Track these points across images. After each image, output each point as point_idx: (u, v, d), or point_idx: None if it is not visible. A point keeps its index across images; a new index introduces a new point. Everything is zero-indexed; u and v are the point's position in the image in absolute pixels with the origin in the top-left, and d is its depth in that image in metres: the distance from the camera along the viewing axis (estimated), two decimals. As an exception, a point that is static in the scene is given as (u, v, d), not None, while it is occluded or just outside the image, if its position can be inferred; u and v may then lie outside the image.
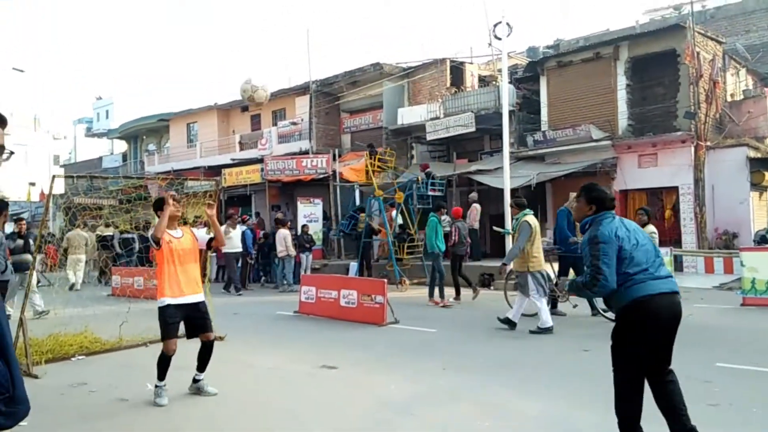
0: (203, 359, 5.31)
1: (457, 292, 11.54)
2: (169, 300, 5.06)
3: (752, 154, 15.59)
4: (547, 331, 7.90)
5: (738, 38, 21.96)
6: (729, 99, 17.97)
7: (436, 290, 11.19)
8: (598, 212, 3.63)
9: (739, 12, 24.00)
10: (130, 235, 15.91)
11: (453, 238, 11.74)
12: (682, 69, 15.31)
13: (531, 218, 8.45)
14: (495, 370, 6.11)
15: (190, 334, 5.30)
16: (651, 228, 8.88)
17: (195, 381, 5.37)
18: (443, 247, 11.36)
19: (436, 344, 7.56)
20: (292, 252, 14.77)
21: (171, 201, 5.18)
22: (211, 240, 5.52)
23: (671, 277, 3.53)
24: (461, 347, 7.33)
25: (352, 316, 9.34)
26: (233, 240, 13.99)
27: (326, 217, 20.51)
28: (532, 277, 8.18)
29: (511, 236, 12.41)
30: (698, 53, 15.35)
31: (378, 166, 16.54)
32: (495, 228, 14.30)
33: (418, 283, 14.40)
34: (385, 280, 9.62)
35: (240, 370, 6.41)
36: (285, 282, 14.64)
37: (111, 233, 16.53)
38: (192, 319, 5.20)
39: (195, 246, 5.36)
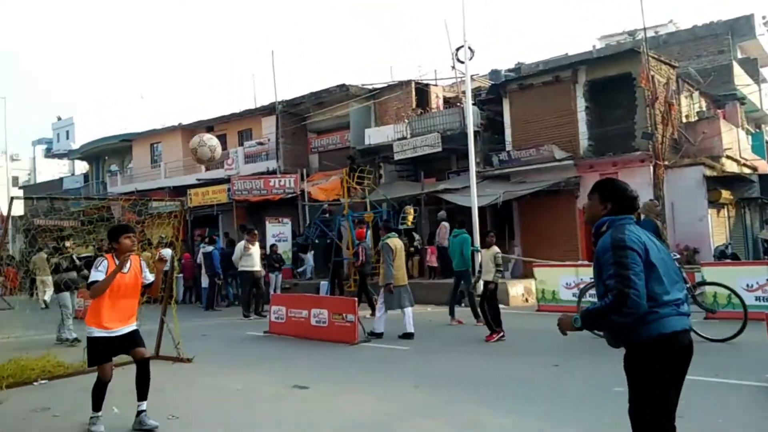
0: (141, 383, 5.00)
1: (372, 309, 11.38)
2: (97, 332, 4.85)
3: (708, 172, 16.21)
4: (378, 336, 9.20)
5: (690, 62, 22.95)
6: (684, 120, 18.68)
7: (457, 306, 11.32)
8: (616, 213, 2.95)
9: (690, 38, 25.14)
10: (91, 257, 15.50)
11: (360, 258, 12.18)
12: (639, 91, 15.88)
13: (392, 240, 9.67)
14: (467, 386, 6.15)
15: (122, 352, 5.04)
16: (495, 249, 9.24)
17: (138, 414, 5.01)
18: (470, 264, 11.04)
19: (408, 362, 7.58)
20: (262, 271, 14.49)
21: (129, 240, 4.99)
22: (149, 285, 5.26)
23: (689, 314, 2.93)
24: (434, 364, 7.37)
25: (324, 335, 9.28)
26: (253, 257, 12.89)
27: (295, 236, 20.38)
28: (396, 291, 9.34)
29: (480, 253, 12.56)
30: (653, 76, 15.96)
31: (356, 182, 16.52)
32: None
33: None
34: (356, 299, 9.61)
35: (209, 392, 6.30)
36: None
37: (88, 254, 16.05)
38: (122, 343, 4.96)
39: (138, 281, 5.12)
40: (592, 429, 4.57)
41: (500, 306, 13.15)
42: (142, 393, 4.99)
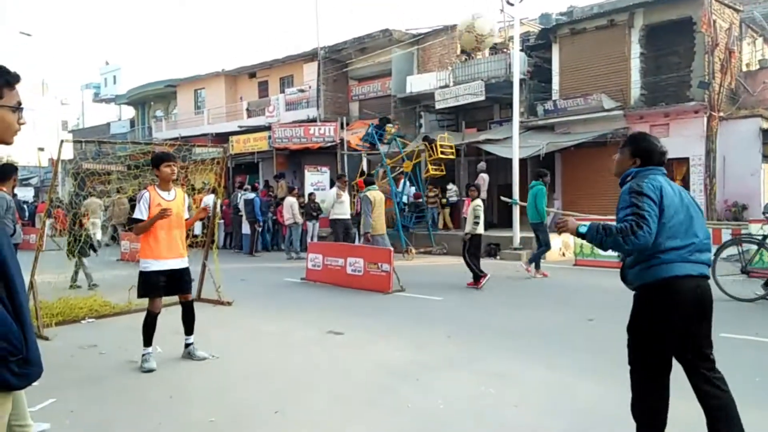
0: (187, 321, 5.32)
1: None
2: (152, 264, 5.00)
3: (766, 125, 15.33)
4: None
5: (756, 6, 21.36)
6: (744, 69, 17.61)
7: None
8: (643, 166, 3.07)
9: (758, -22, 23.35)
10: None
11: (356, 208, 12.38)
12: (698, 37, 14.99)
13: (372, 193, 10.22)
14: (500, 338, 6.15)
15: (168, 293, 5.24)
16: (476, 202, 9.53)
17: (186, 346, 5.39)
18: (545, 217, 10.91)
19: (441, 312, 7.61)
20: (299, 219, 14.85)
21: (169, 169, 5.06)
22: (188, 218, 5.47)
23: (707, 263, 3.00)
24: (466, 316, 7.38)
25: (359, 283, 9.40)
26: (344, 204, 12.16)
27: (333, 185, 20.47)
28: (373, 239, 10.07)
29: (518, 206, 12.38)
30: (715, 21, 15.00)
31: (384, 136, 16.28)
32: (503, 198, 14.24)
33: (424, 252, 14.44)
34: (392, 249, 9.66)
35: (246, 335, 6.49)
36: (292, 249, 14.71)
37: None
38: (173, 281, 5.14)
39: (183, 210, 5.26)
40: (623, 385, 4.51)
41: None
42: (189, 329, 5.32)
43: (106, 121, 42.13)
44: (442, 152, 15.06)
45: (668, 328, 2.91)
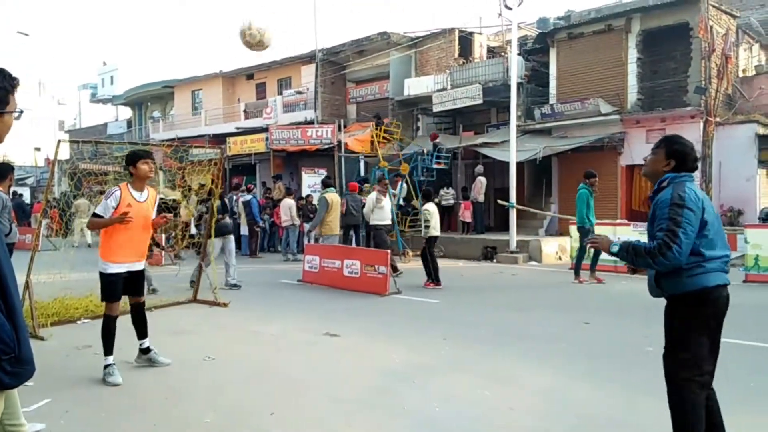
0: (139, 324, 5.09)
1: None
2: (111, 267, 4.79)
3: (761, 131, 15.39)
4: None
5: (752, 12, 21.49)
6: (740, 74, 17.70)
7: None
8: (677, 171, 3.01)
9: (754, -15, 23.46)
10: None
11: (342, 209, 12.30)
12: (695, 43, 15.05)
13: (330, 195, 10.89)
14: (496, 341, 6.15)
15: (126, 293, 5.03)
16: (425, 207, 10.12)
17: (144, 352, 5.15)
18: (594, 221, 10.30)
19: (438, 315, 7.61)
20: (297, 221, 14.85)
21: (147, 166, 4.81)
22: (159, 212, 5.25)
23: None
24: (463, 318, 7.38)
25: (355, 285, 9.39)
26: (385, 210, 11.16)
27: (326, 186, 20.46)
28: (323, 239, 10.83)
29: (514, 209, 12.40)
30: (711, 27, 15.07)
31: (383, 137, 16.37)
32: (499, 201, 14.26)
33: (420, 254, 14.43)
34: (389, 251, 9.65)
35: (242, 336, 6.47)
36: (289, 251, 14.69)
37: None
38: (129, 283, 4.94)
39: (151, 213, 5.02)
40: (623, 388, 4.52)
41: (533, 263, 13.14)
42: (142, 332, 5.11)
43: (103, 121, 42.04)
44: (384, 136, 15.00)
45: (706, 333, 2.90)
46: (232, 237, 10.12)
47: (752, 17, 20.33)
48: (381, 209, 11.05)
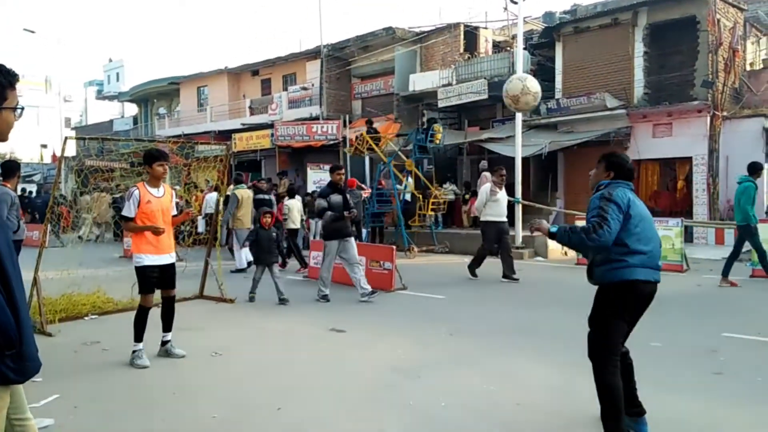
0: (167, 317, 5.34)
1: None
2: (146, 259, 5.09)
3: (769, 125, 15.30)
4: (242, 271, 10.95)
5: (760, 5, 21.30)
6: (748, 68, 17.57)
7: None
8: (616, 179, 3.57)
9: (763, -23, 23.23)
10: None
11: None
12: (702, 36, 14.94)
13: (239, 191, 11.36)
14: (503, 337, 6.15)
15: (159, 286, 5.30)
16: (285, 202, 11.03)
17: (163, 344, 5.37)
18: (752, 219, 8.72)
19: (443, 310, 7.62)
20: (297, 225, 14.45)
21: (161, 168, 5.15)
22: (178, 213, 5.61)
23: (660, 268, 3.50)
24: (469, 314, 7.38)
25: (361, 281, 9.37)
26: (500, 204, 10.11)
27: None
28: (238, 232, 11.21)
29: (520, 205, 12.34)
30: (719, 20, 14.97)
31: (373, 141, 15.92)
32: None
33: (426, 250, 14.45)
34: (394, 247, 9.65)
35: (249, 332, 6.51)
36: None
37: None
38: (162, 276, 5.21)
39: (171, 207, 5.35)
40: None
41: (539, 258, 13.13)
42: (167, 325, 5.34)
43: (109, 118, 42.23)
44: (369, 145, 15.00)
45: (625, 320, 3.44)
46: (352, 239, 8.53)
47: (760, 10, 20.15)
48: (496, 203, 9.97)
